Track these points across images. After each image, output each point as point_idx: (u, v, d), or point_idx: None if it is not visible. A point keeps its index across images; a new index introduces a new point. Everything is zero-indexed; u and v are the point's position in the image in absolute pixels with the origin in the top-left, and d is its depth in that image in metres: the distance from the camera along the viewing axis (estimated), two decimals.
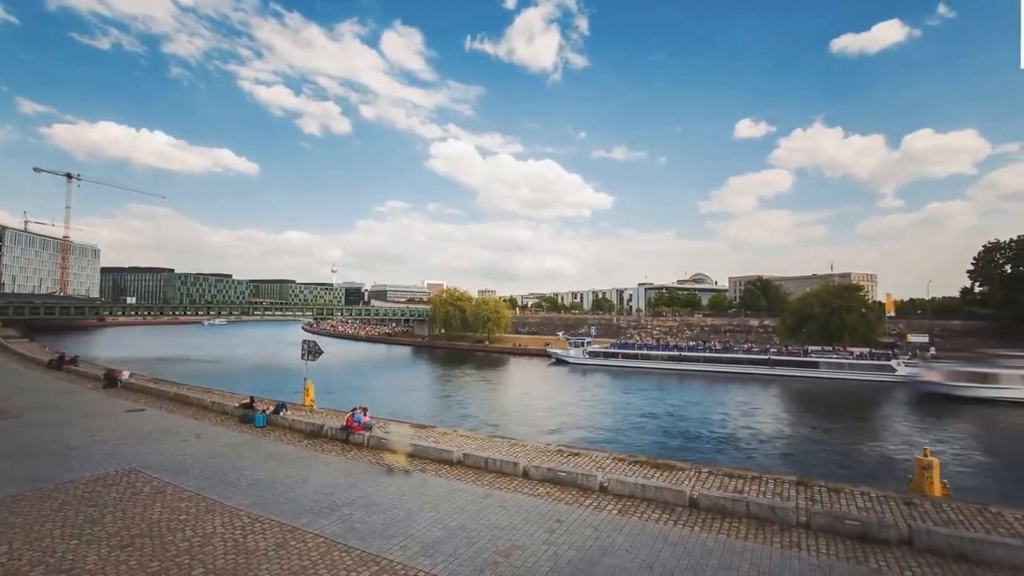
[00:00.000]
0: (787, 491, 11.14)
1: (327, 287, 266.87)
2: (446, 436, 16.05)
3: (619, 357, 63.44)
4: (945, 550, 8.28)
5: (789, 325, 65.19)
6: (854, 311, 59.50)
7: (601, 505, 10.54)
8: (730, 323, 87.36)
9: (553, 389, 46.14)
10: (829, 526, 9.21)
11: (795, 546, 8.68)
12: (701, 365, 58.15)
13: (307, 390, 22.05)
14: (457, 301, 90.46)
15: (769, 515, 9.71)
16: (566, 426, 30.80)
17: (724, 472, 12.53)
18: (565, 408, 36.59)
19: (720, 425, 31.46)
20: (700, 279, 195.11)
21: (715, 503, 10.23)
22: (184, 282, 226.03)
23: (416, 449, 13.99)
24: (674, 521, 9.74)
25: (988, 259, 67.64)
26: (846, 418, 35.37)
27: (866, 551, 8.42)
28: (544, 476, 12.01)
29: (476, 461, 13.00)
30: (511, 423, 31.31)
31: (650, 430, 30.04)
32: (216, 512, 9.94)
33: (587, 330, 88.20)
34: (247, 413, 18.43)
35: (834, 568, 7.89)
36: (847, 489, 11.23)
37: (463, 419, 31.67)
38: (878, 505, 10.36)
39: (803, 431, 30.90)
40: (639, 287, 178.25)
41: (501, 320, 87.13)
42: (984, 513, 9.92)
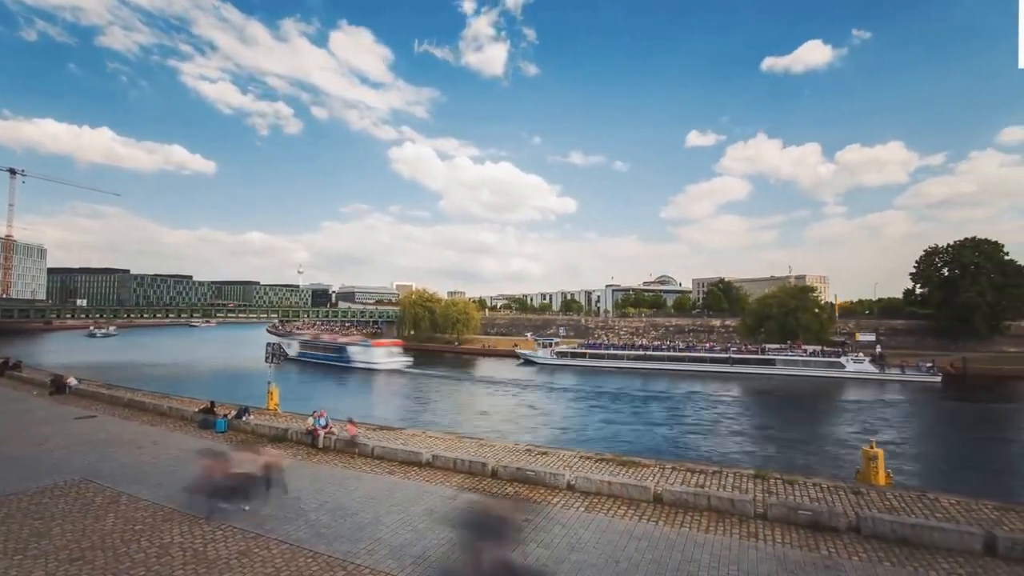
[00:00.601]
0: (745, 484, 11.59)
1: (293, 289, 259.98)
2: (415, 438, 15.97)
3: (587, 357, 64.31)
4: (888, 535, 8.83)
5: (749, 325, 67.65)
6: (808, 311, 62.25)
7: (568, 503, 10.73)
8: (694, 323, 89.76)
9: (521, 389, 46.36)
10: (784, 516, 9.66)
11: (753, 536, 9.06)
12: (666, 364, 59.60)
13: (271, 394, 21.51)
14: (427, 302, 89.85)
15: (729, 507, 10.11)
16: (534, 425, 31.03)
17: (687, 467, 12.94)
18: (533, 408, 36.85)
19: (683, 422, 32.33)
20: (665, 281, 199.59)
21: (678, 498, 10.57)
22: (140, 283, 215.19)
23: (384, 451, 13.88)
24: (639, 516, 10.01)
25: (928, 263, 71.79)
26: (800, 412, 36.97)
27: (817, 539, 8.88)
28: (512, 476, 12.12)
29: (445, 462, 13.00)
30: (480, 423, 31.31)
31: (616, 428, 30.60)
32: (174, 521, 9.61)
33: (556, 331, 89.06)
34: (207, 418, 17.83)
35: (788, 556, 8.29)
36: (801, 480, 11.79)
37: (432, 420, 31.47)
38: (828, 495, 10.91)
39: (761, 426, 32.12)
40: (606, 288, 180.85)
41: (470, 321, 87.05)
42: (923, 499, 10.60)
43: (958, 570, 7.78)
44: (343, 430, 15.43)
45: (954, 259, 68.45)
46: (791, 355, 55.97)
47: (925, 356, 57.02)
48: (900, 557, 8.19)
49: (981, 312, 63.60)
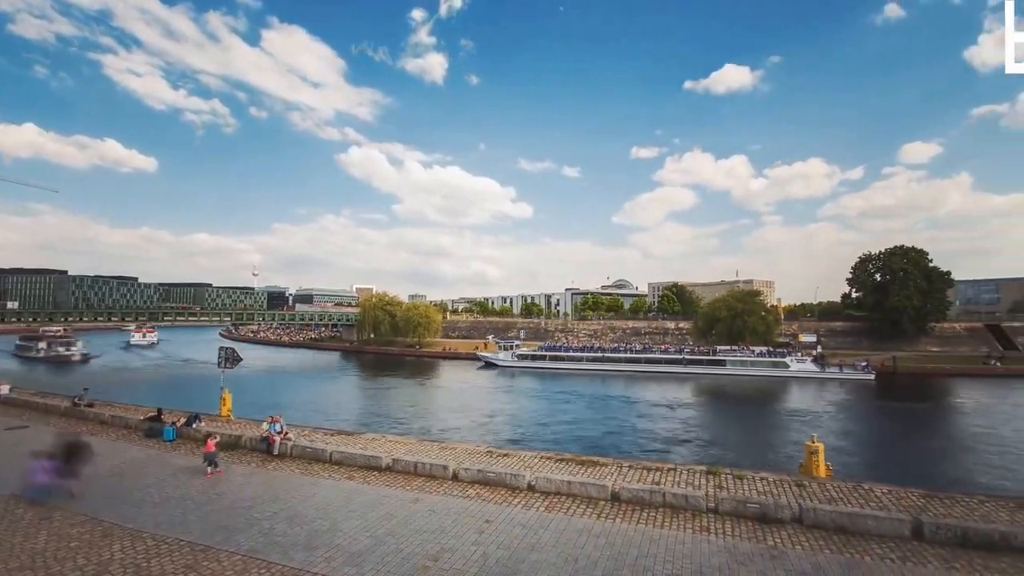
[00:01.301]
0: (698, 480, 12.04)
1: (247, 291, 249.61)
2: (374, 442, 15.67)
3: (546, 359, 64.94)
4: (828, 525, 9.39)
5: (700, 327, 70.24)
6: (755, 314, 65.27)
7: (529, 503, 10.83)
8: (649, 326, 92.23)
9: (482, 391, 46.28)
10: (734, 510, 10.11)
11: (705, 530, 9.43)
12: (623, 365, 60.98)
13: (224, 400, 20.62)
14: (387, 306, 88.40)
15: (683, 503, 10.48)
16: (496, 427, 31.07)
17: (643, 466, 13.30)
18: (494, 410, 36.88)
19: (640, 421, 33.18)
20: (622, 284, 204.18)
21: (635, 495, 10.86)
22: (80, 285, 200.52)
23: (343, 457, 13.58)
24: (597, 514, 10.22)
25: (862, 269, 76.79)
26: (749, 410, 38.67)
27: (764, 530, 9.34)
28: (474, 478, 12.13)
29: (405, 466, 12.85)
30: (441, 426, 31.07)
31: (576, 428, 31.06)
32: (115, 536, 9.05)
33: (516, 334, 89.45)
34: (154, 426, 16.89)
35: (738, 548, 8.68)
36: (749, 475, 12.34)
37: (393, 424, 30.98)
38: (774, 488, 11.48)
39: (713, 423, 33.40)
40: (566, 292, 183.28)
41: (432, 324, 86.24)
42: (859, 490, 11.33)
43: (889, 554, 8.37)
44: (300, 435, 14.99)
45: (885, 266, 73.50)
46: (740, 356, 58.48)
47: (860, 356, 61.01)
48: (839, 544, 8.74)
49: (908, 315, 68.67)
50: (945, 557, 8.23)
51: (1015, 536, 8.51)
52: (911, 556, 8.29)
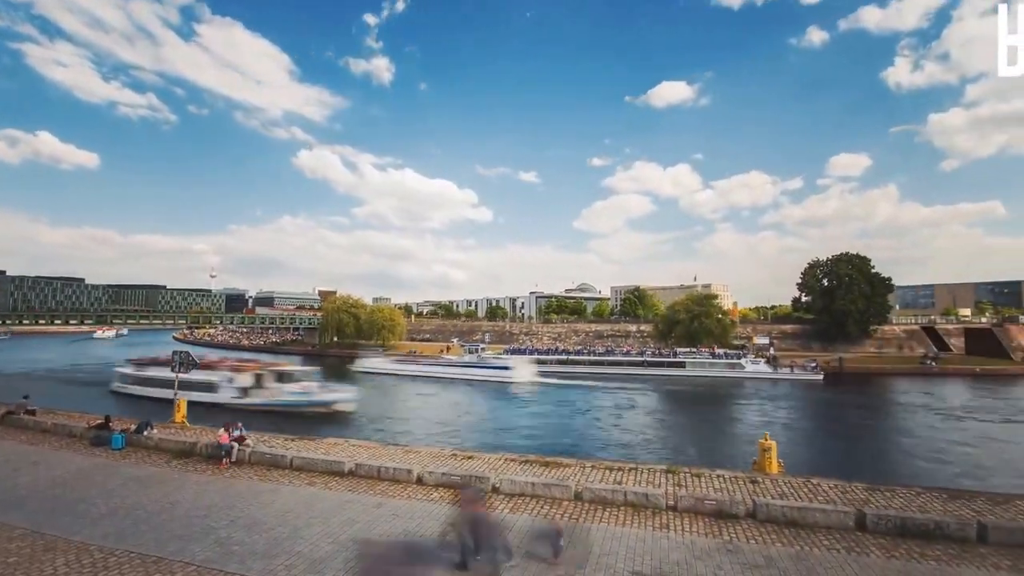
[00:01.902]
0: (658, 479, 12.38)
1: (204, 293, 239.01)
2: (336, 447, 15.35)
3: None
4: (780, 519, 9.86)
5: (661, 330, 72.08)
6: (712, 317, 67.49)
7: (494, 505, 10.86)
8: (612, 328, 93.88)
9: (447, 394, 45.97)
10: (692, 507, 10.46)
11: (665, 527, 9.72)
12: (586, 367, 61.85)
13: (178, 406, 19.74)
14: (351, 308, 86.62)
15: (643, 501, 10.76)
16: (461, 430, 30.93)
17: (605, 466, 13.57)
18: (459, 413, 36.71)
19: (603, 422, 33.72)
20: (585, 288, 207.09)
21: (597, 495, 11.08)
22: (19, 286, 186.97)
23: (304, 462, 13.25)
24: (561, 515, 10.37)
25: (811, 274, 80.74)
26: (707, 410, 39.90)
27: (721, 526, 9.71)
28: (438, 481, 12.07)
29: (368, 471, 12.66)
30: (406, 429, 30.69)
31: (540, 430, 31.27)
32: (58, 550, 8.55)
33: (482, 337, 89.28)
34: (101, 434, 15.99)
35: (696, 543, 8.99)
36: (706, 473, 12.79)
37: (356, 428, 30.35)
38: (730, 485, 11.94)
39: (673, 423, 34.30)
40: (531, 295, 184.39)
41: (396, 327, 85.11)
42: (808, 484, 11.92)
43: (836, 545, 8.86)
44: (259, 442, 14.53)
45: (832, 271, 77.52)
46: (698, 358, 60.36)
47: (809, 357, 64.02)
48: (789, 537, 9.18)
49: (853, 318, 72.71)
50: (886, 546, 8.78)
51: (947, 525, 9.16)
52: (855, 547, 8.80)
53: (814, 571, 7.94)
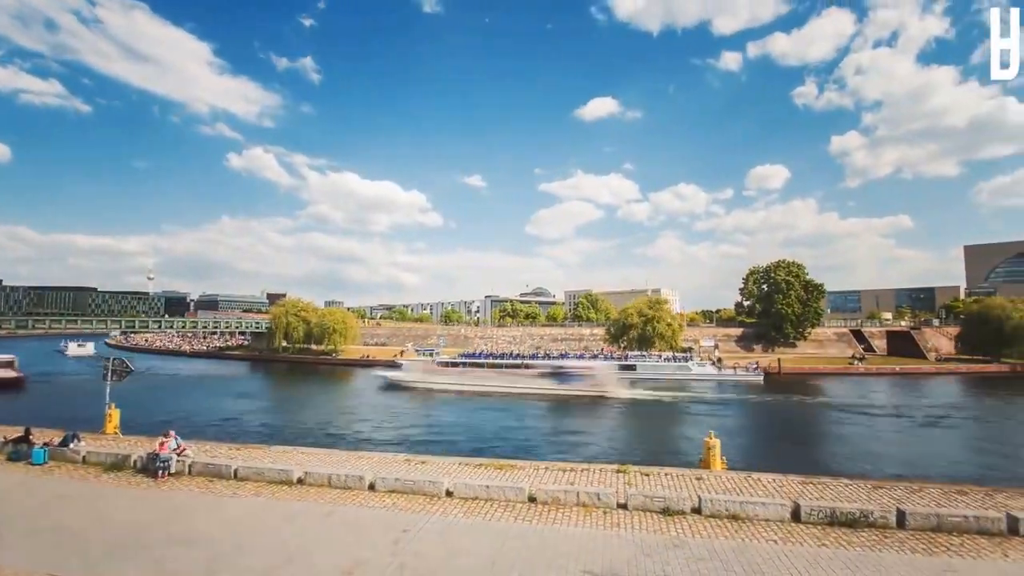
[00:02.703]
0: (609, 478, 12.64)
1: (141, 296, 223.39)
2: (285, 455, 14.74)
3: (466, 366, 64.79)
4: (723, 513, 10.29)
5: (613, 333, 73.74)
6: (662, 321, 69.71)
7: (447, 510, 10.76)
8: (566, 332, 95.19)
9: (402, 399, 45.15)
10: (642, 505, 10.74)
11: (616, 525, 9.93)
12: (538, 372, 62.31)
13: (110, 416, 18.38)
14: (301, 312, 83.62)
15: (595, 501, 10.95)
16: (414, 434, 30.44)
17: (558, 467, 13.73)
18: (413, 417, 36.11)
19: (558, 424, 34.08)
20: (540, 292, 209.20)
21: (551, 496, 11.18)
22: None
23: (250, 472, 12.64)
24: (515, 517, 10.39)
25: (752, 279, 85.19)
26: (657, 411, 41.05)
27: (668, 522, 10.02)
28: (391, 487, 11.83)
29: (318, 479, 12.24)
30: (358, 436, 29.89)
31: (495, 433, 31.23)
32: None
33: (436, 340, 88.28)
34: (19, 449, 14.63)
35: (645, 540, 9.24)
36: (655, 472, 13.18)
37: (306, 435, 29.25)
38: (677, 482, 12.36)
39: (624, 424, 35.08)
40: (485, 299, 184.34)
41: (349, 331, 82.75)
42: (749, 479, 12.51)
43: (773, 536, 9.33)
44: (201, 452, 13.73)
45: (770, 278, 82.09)
46: (649, 360, 62.21)
47: (751, 359, 67.35)
48: (732, 530, 9.59)
49: (790, 321, 77.28)
50: (817, 535, 9.33)
51: (871, 513, 9.84)
52: (790, 537, 9.30)
53: (753, 562, 8.33)
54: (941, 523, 9.61)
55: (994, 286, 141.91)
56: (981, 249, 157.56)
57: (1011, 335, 64.63)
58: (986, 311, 69.89)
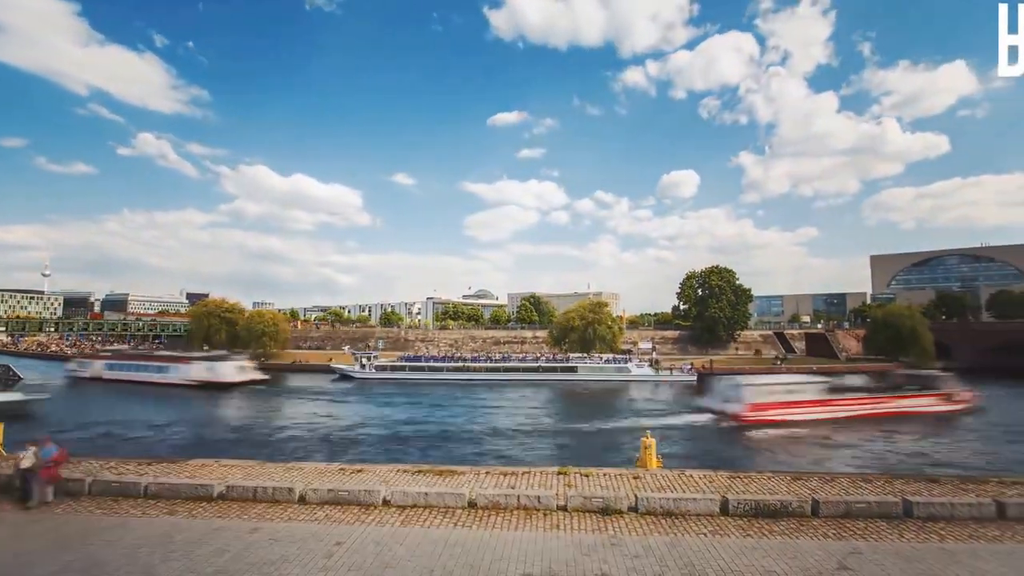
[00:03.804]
0: (550, 481, 12.71)
1: (34, 296, 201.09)
2: (204, 468, 13.68)
3: (406, 370, 63.61)
4: (658, 510, 10.60)
5: (555, 336, 74.88)
6: (604, 324, 71.63)
7: (384, 519, 10.40)
8: (508, 335, 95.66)
9: (337, 406, 43.52)
10: (581, 506, 10.87)
11: (556, 527, 9.98)
12: (483, 374, 62.28)
13: None
14: (225, 313, 78.49)
15: (536, 504, 10.97)
16: (350, 443, 29.41)
17: (499, 471, 13.65)
18: (349, 425, 34.88)
19: (499, 428, 34.07)
20: (483, 294, 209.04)
21: (491, 500, 11.08)
22: None
23: (161, 488, 11.62)
24: (454, 523, 10.20)
25: (688, 284, 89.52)
26: (597, 411, 42.04)
27: (607, 522, 10.20)
28: (324, 498, 11.28)
29: (243, 492, 11.45)
30: (288, 445, 28.46)
31: (436, 439, 30.77)
32: None
33: (375, 344, 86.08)
34: None
35: (584, 540, 9.34)
36: (595, 472, 13.39)
37: (230, 446, 27.50)
38: (615, 482, 12.61)
39: (566, 426, 35.63)
40: (427, 301, 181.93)
41: (280, 334, 78.53)
42: (682, 477, 12.98)
43: (703, 530, 9.72)
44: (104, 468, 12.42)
45: (704, 282, 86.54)
46: (590, 363, 63.70)
47: (686, 360, 70.54)
48: (666, 526, 9.90)
49: (722, 324, 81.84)
50: (743, 527, 9.82)
51: (791, 503, 10.50)
52: (719, 530, 9.73)
53: (685, 555, 8.63)
54: (849, 510, 10.41)
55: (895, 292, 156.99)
56: (884, 259, 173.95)
57: (907, 338, 71.65)
58: (887, 316, 77.10)
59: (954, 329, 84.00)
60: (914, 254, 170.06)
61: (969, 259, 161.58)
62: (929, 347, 72.41)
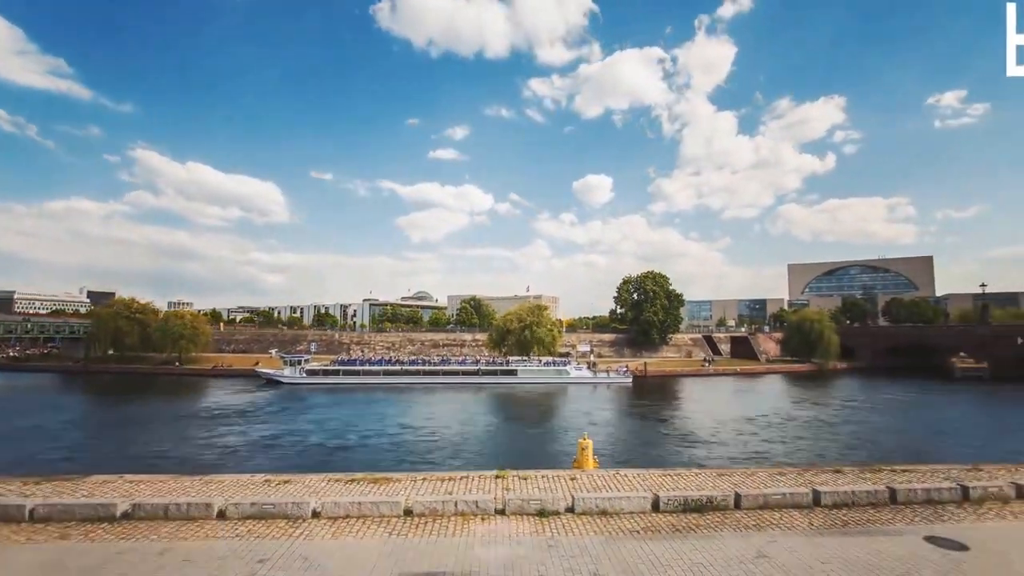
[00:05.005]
0: (488, 485, 12.62)
1: None
2: (107, 486, 12.39)
3: (340, 374, 61.31)
4: (594, 510, 10.79)
5: (495, 339, 75.11)
6: (543, 326, 72.65)
7: (313, 532, 9.88)
8: (448, 338, 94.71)
9: (263, 413, 41.12)
10: (519, 508, 10.86)
11: (493, 532, 9.89)
12: (422, 378, 61.23)
13: None
14: (136, 314, 72.16)
15: (474, 509, 10.83)
16: (278, 453, 27.87)
17: (437, 477, 13.39)
18: (277, 433, 33.06)
19: (438, 433, 33.55)
20: (423, 297, 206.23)
21: (428, 507, 10.83)
22: None
23: (52, 510, 10.38)
24: (389, 533, 9.87)
25: (624, 289, 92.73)
26: (536, 414, 42.53)
27: (544, 523, 10.25)
28: (246, 513, 10.54)
29: (152, 511, 10.45)
30: (207, 458, 26.54)
31: (372, 446, 29.83)
32: None
33: (307, 347, 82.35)
34: None
35: (522, 542, 9.33)
36: (533, 475, 13.45)
37: (138, 461, 25.20)
38: (552, 484, 12.73)
39: (505, 430, 35.72)
40: (364, 303, 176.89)
41: (199, 337, 73.28)
42: (617, 476, 13.32)
43: (636, 527, 10.00)
44: None
45: (639, 287, 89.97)
46: (529, 366, 64.30)
47: (622, 362, 72.96)
48: (601, 526, 10.09)
49: (656, 327, 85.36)
50: (673, 523, 10.20)
51: (715, 497, 11.03)
52: (651, 526, 10.05)
53: (618, 553, 8.83)
54: (767, 501, 11.11)
55: (808, 299, 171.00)
56: (799, 267, 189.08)
57: (817, 341, 78.20)
58: (800, 321, 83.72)
59: (857, 333, 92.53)
60: (824, 264, 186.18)
61: (869, 270, 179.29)
62: (835, 349, 79.43)
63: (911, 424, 38.96)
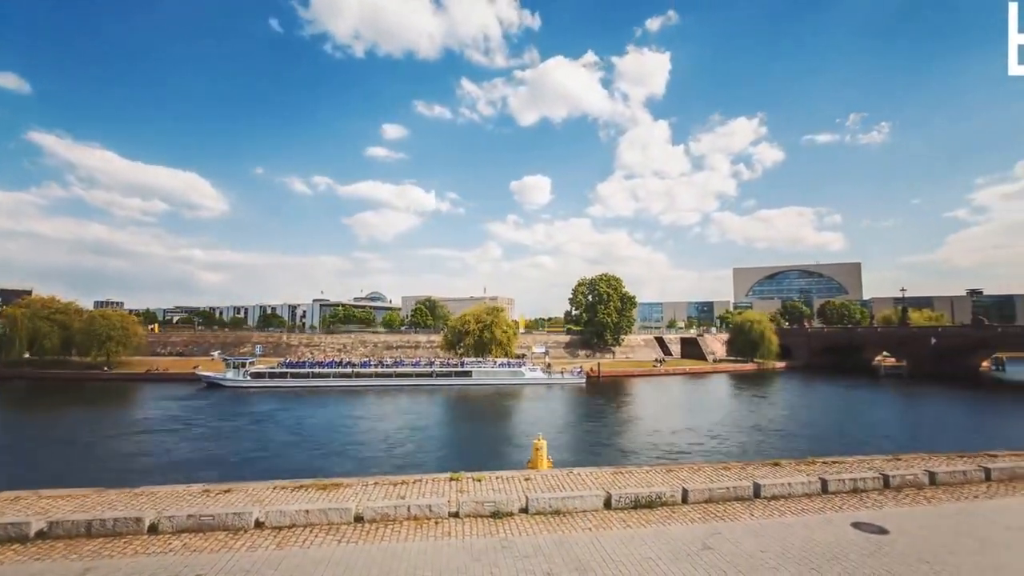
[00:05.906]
0: (442, 488, 12.47)
1: None
2: (19, 502, 11.34)
3: (287, 377, 59.11)
4: (548, 510, 10.86)
5: (450, 340, 74.54)
6: (499, 328, 72.73)
7: (256, 543, 9.41)
8: (402, 339, 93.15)
9: (202, 420, 38.96)
10: (473, 511, 10.77)
11: (447, 535, 9.77)
12: (374, 380, 59.90)
13: None
14: (56, 314, 66.55)
15: (427, 513, 10.65)
16: (219, 461, 26.48)
17: (389, 481, 13.10)
18: (218, 441, 31.42)
19: (389, 436, 32.90)
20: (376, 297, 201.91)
21: (380, 513, 10.56)
22: None
23: None
24: (338, 540, 9.55)
25: (579, 291, 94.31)
26: (491, 415, 42.47)
27: (498, 525, 10.21)
28: (182, 526, 9.91)
29: (72, 528, 9.62)
30: (139, 469, 24.86)
31: (320, 451, 28.87)
32: None
33: (252, 349, 78.86)
34: None
35: (475, 545, 9.25)
36: (487, 476, 13.40)
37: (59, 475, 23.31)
38: (507, 485, 12.73)
39: (459, 431, 35.47)
40: (313, 303, 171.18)
41: (130, 338, 68.33)
42: (571, 476, 13.48)
43: (588, 525, 10.14)
44: None
45: (594, 289, 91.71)
46: (484, 367, 64.18)
47: (576, 363, 74.08)
48: (554, 525, 10.16)
49: (609, 329, 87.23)
50: (624, 519, 10.42)
51: (664, 493, 11.36)
52: (603, 523, 10.22)
53: (571, 551, 8.93)
54: (712, 495, 11.57)
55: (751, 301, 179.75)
56: (743, 271, 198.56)
57: (756, 341, 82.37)
58: (743, 322, 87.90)
59: (794, 334, 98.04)
60: (766, 268, 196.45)
61: (805, 274, 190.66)
62: (775, 349, 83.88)
63: (842, 419, 41.68)
